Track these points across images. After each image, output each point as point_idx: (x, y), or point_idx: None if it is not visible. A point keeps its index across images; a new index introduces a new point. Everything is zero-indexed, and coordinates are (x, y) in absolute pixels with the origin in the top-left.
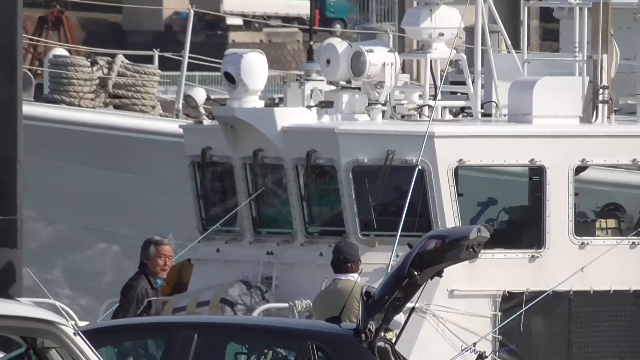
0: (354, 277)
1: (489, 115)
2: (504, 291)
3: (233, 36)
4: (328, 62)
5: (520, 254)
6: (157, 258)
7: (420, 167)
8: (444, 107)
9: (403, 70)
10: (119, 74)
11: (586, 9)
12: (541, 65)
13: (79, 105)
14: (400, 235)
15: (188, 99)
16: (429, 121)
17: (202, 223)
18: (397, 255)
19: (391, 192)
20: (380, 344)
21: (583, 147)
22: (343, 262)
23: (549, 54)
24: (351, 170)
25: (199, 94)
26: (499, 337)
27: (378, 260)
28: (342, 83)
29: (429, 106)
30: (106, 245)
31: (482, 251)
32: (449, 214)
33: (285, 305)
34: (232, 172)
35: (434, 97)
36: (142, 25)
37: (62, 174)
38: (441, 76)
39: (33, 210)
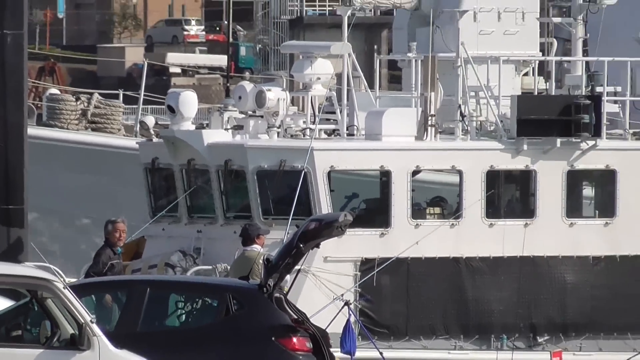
0: (257, 248)
1: (352, 135)
2: (362, 258)
3: (174, 80)
4: (240, 98)
5: (374, 232)
6: (114, 232)
7: (304, 170)
8: (320, 130)
9: (292, 104)
10: (95, 107)
11: (420, 60)
12: (388, 100)
13: (68, 128)
14: (291, 219)
15: (142, 124)
16: (311, 139)
17: (152, 210)
18: (288, 233)
19: (284, 188)
20: (277, 295)
21: (417, 157)
22: (247, 238)
23: (394, 92)
24: (255, 173)
25: (150, 121)
26: (359, 289)
27: (275, 237)
28: (250, 113)
29: (310, 129)
30: (85, 225)
31: (347, 230)
32: (324, 204)
33: (210, 267)
34: (173, 175)
35: (314, 122)
36: (111, 72)
37: (56, 177)
38: (319, 108)
39: (35, 203)
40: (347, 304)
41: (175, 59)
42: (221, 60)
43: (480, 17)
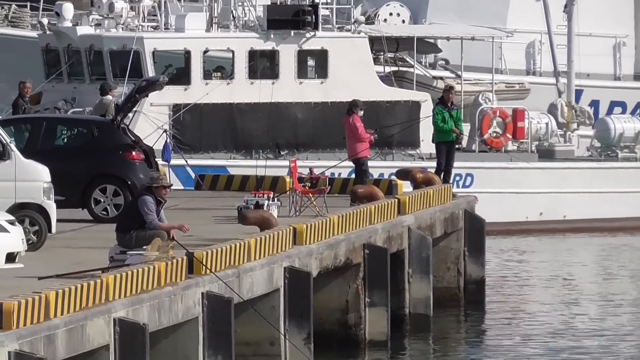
0: (109, 97)
1: (168, 29)
2: (173, 103)
3: None
4: (99, 7)
5: (180, 87)
6: (25, 88)
7: (138, 50)
8: (148, 26)
9: (131, 10)
10: (14, 12)
11: None
12: (189, 8)
13: None
14: (133, 83)
15: (40, 24)
16: (142, 32)
17: (46, 75)
18: (128, 89)
19: (126, 61)
20: (123, 126)
21: (206, 42)
22: (103, 91)
23: (194, 3)
24: (109, 52)
25: (45, 21)
26: (171, 122)
27: (120, 91)
28: (105, 15)
29: (142, 25)
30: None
31: (165, 86)
32: (150, 71)
33: (81, 109)
34: (59, 53)
35: (144, 21)
36: None
37: None
38: (148, 12)
39: None
40: (165, 131)
41: None
42: None
43: None
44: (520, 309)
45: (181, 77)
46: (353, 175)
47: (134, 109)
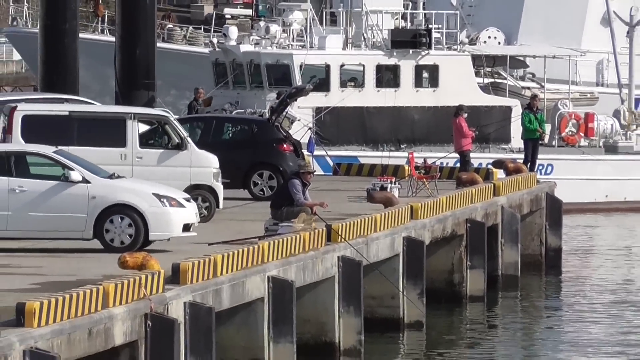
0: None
1: (312, 47)
2: (316, 106)
3: (228, 22)
4: (257, 29)
5: (322, 94)
6: (198, 93)
7: (288, 64)
8: (296, 45)
9: (283, 32)
10: (190, 33)
11: (344, 12)
12: (329, 31)
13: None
14: (284, 90)
15: (211, 43)
16: (291, 49)
17: (215, 83)
18: (283, 94)
19: (279, 73)
20: (277, 124)
21: (342, 58)
22: (278, 97)
23: (331, 27)
24: (265, 65)
25: (215, 40)
26: (315, 122)
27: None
28: (262, 36)
29: (291, 44)
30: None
31: (310, 92)
32: (298, 80)
33: (243, 110)
34: (225, 66)
35: (293, 41)
36: (199, 17)
37: (172, 68)
38: (297, 34)
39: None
40: (309, 128)
41: (229, 12)
42: (249, 12)
43: None
44: (591, 271)
45: (322, 85)
46: (458, 165)
47: (286, 111)
